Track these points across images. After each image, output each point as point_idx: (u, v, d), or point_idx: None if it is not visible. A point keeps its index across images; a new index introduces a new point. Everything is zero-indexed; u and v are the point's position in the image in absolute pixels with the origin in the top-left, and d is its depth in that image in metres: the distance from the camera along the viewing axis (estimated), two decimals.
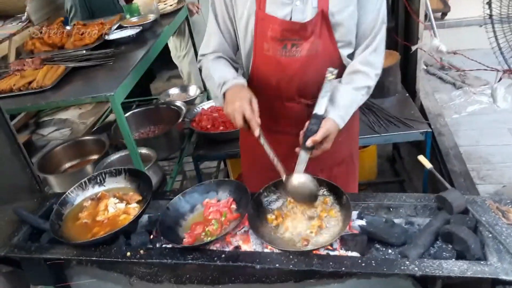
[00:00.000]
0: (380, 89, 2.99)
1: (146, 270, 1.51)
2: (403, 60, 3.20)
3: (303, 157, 1.45)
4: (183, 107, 2.82)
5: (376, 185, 3.40)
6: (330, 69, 1.49)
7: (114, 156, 2.41)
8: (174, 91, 3.45)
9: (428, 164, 1.69)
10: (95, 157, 2.49)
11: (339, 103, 1.50)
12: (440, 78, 3.61)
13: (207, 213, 1.59)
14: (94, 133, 2.87)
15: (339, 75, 1.65)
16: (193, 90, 3.42)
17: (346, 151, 1.82)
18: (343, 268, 1.28)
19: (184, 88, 3.48)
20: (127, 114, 2.82)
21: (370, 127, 2.76)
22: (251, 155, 1.98)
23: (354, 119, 1.85)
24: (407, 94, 3.09)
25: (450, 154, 2.72)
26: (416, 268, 1.24)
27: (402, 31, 3.24)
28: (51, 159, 2.57)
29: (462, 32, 4.10)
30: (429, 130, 2.66)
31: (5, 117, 1.83)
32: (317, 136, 1.41)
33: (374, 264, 1.28)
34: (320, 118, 1.44)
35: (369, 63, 1.56)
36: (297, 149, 1.47)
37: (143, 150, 2.40)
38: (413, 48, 2.91)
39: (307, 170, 1.49)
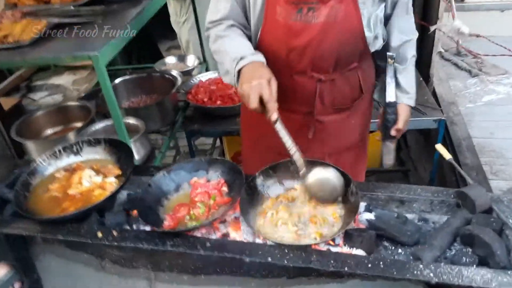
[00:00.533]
0: None
1: (120, 254, 1.33)
2: (419, 41, 2.96)
3: (390, 147, 1.56)
4: (178, 77, 2.60)
5: (379, 173, 3.22)
6: (389, 54, 1.50)
7: (100, 125, 2.21)
8: (170, 60, 3.22)
9: (447, 155, 1.50)
10: (79, 124, 2.29)
11: (405, 86, 1.53)
12: (455, 64, 3.38)
13: (194, 194, 1.40)
14: (81, 100, 2.65)
15: (360, 53, 1.48)
16: (191, 60, 3.19)
17: (358, 135, 1.64)
18: (346, 268, 1.10)
19: (181, 58, 3.25)
20: (117, 81, 2.61)
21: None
22: (253, 134, 1.78)
23: (369, 101, 1.65)
24: (421, 78, 2.87)
25: (463, 145, 2.52)
26: (432, 274, 1.06)
27: (420, 10, 2.99)
28: (32, 125, 2.36)
29: (481, 17, 3.84)
30: (443, 118, 2.46)
31: None
32: (400, 125, 1.50)
33: (382, 266, 1.10)
34: (395, 106, 1.50)
35: (409, 30, 1.54)
36: (378, 138, 1.60)
37: (131, 121, 2.20)
38: (432, 28, 2.68)
39: (313, 156, 1.37)
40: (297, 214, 1.29)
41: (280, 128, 1.27)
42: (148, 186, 1.39)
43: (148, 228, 1.31)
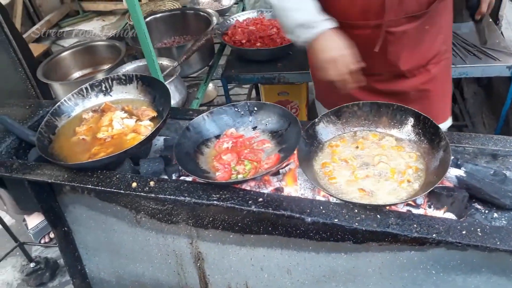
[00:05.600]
0: (457, 11, 2.40)
1: (157, 207, 1.16)
2: None
3: (478, 27, 1.47)
4: (215, 16, 2.34)
5: None
6: None
7: (130, 66, 2.00)
8: None
9: None
10: (109, 66, 2.09)
11: None
12: None
13: (239, 144, 1.20)
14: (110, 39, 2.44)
15: None
16: None
17: (438, 46, 1.37)
18: (434, 235, 0.89)
19: None
20: (147, 19, 2.37)
21: None
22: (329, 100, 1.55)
23: (450, 3, 1.38)
24: (490, 20, 2.49)
25: None
26: None
27: None
28: (59, 67, 2.17)
29: None
30: None
31: None
32: (483, 9, 1.33)
33: (480, 234, 0.88)
34: None
35: None
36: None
37: (165, 62, 1.98)
38: None
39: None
40: (366, 167, 1.07)
41: None
42: (186, 129, 1.19)
43: (188, 179, 1.13)
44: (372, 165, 1.06)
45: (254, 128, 1.26)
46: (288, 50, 2.31)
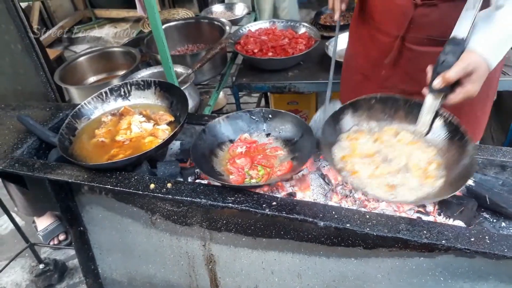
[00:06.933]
0: None
1: (173, 209, 1.20)
2: None
3: (429, 104, 1.03)
4: (228, 25, 2.40)
5: None
6: None
7: (145, 72, 2.05)
8: (217, 8, 3.00)
9: None
10: (123, 72, 2.15)
11: (491, 29, 0.98)
12: None
13: (253, 149, 1.24)
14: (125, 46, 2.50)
15: None
16: (240, 9, 2.96)
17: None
18: (443, 241, 0.92)
19: (229, 6, 3.02)
20: (163, 26, 2.42)
21: None
22: (347, 55, 1.65)
23: None
24: None
25: None
26: None
27: None
28: (75, 72, 2.23)
29: None
30: None
31: (15, 4, 1.48)
32: (451, 72, 0.95)
33: (489, 241, 0.90)
34: (461, 45, 0.97)
35: None
36: (424, 91, 1.04)
37: (179, 69, 2.03)
38: None
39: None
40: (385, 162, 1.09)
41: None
42: (203, 132, 1.23)
43: (204, 182, 1.16)
44: (391, 159, 1.08)
45: (268, 135, 1.30)
46: (299, 60, 2.36)
